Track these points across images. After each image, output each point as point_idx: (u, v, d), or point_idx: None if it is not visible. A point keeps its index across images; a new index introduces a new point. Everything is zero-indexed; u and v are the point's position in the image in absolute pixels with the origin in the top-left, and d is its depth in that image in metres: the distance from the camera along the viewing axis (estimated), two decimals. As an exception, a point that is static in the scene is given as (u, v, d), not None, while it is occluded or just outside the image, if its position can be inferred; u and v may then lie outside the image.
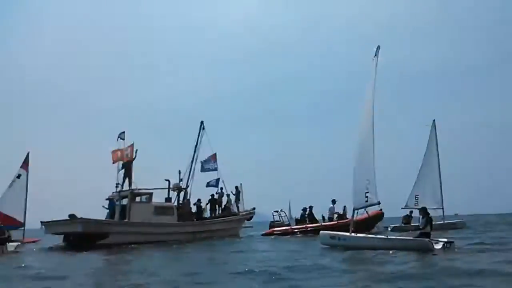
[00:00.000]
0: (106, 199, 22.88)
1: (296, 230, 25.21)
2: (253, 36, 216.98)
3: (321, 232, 16.36)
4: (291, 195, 40.56)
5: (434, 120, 31.28)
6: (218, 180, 26.71)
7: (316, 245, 15.70)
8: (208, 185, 26.97)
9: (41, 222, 21.93)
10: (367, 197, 14.30)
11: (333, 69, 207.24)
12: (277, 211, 29.31)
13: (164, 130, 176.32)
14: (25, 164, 24.31)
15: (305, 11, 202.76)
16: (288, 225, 27.26)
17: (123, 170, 22.72)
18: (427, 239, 12.52)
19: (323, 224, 24.64)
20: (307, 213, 27.00)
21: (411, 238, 13.55)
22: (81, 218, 20.45)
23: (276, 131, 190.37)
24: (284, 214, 28.98)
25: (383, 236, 14.80)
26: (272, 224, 28.41)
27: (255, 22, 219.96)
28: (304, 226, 25.43)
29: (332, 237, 14.98)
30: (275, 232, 25.92)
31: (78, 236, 20.47)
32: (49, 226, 21.77)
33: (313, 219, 26.35)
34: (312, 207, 26.92)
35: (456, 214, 30.40)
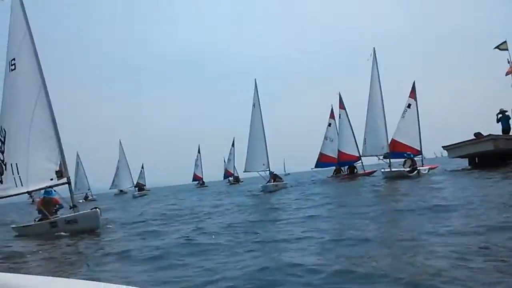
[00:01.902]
0: (499, 115, 20.13)
1: None
2: None
3: None
4: None
5: None
6: None
7: None
8: None
9: (443, 146, 21.72)
10: None
11: None
12: None
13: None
14: (413, 93, 24.59)
15: None
16: None
17: None
18: None
19: None
20: None
21: None
22: (490, 135, 18.91)
23: None
24: None
25: None
26: None
27: None
28: None
29: None
30: None
31: (488, 156, 18.92)
32: (451, 149, 21.16)
33: None
34: None
35: None
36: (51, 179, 10.99)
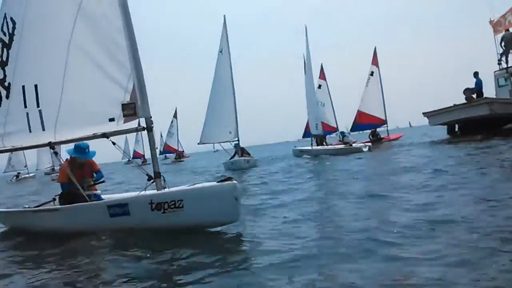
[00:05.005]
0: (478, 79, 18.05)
1: None
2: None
3: None
4: None
5: None
6: None
7: None
8: None
9: (423, 113, 18.89)
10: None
11: None
12: None
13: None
14: (375, 60, 23.88)
15: None
16: None
17: (502, 43, 18.21)
18: None
19: None
20: None
21: None
22: (485, 97, 16.53)
23: None
24: None
25: None
26: None
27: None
28: None
29: None
30: None
31: (477, 122, 16.00)
32: (433, 116, 18.39)
33: None
34: None
35: None
36: (111, 119, 5.20)
